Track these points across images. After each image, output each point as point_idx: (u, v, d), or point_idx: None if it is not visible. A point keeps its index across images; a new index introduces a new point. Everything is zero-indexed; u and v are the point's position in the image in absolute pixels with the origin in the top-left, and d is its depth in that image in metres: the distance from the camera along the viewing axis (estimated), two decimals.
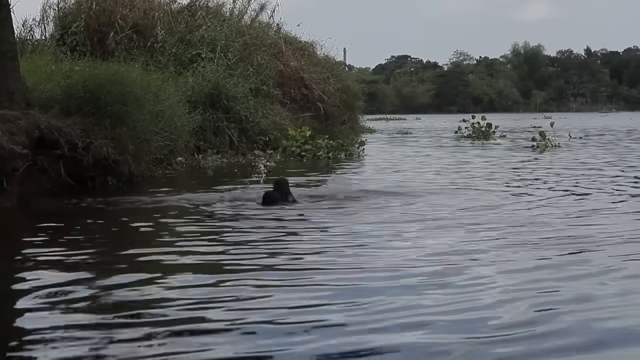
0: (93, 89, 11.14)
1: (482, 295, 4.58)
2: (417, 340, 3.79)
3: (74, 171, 10.49)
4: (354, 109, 28.12)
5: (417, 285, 4.86)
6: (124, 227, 7.70)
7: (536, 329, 3.94)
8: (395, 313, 4.22)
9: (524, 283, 4.90)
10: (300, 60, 24.05)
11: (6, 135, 8.95)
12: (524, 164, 15.42)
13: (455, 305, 4.39)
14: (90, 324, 4.06)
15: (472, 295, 4.60)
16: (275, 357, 3.60)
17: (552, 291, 4.69)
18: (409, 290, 4.72)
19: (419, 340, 3.79)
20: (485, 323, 4.03)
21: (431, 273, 5.18)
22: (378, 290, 4.72)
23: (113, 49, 19.06)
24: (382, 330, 3.91)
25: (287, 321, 4.11)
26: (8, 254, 6.42)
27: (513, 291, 4.68)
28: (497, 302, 4.44)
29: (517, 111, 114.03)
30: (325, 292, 4.69)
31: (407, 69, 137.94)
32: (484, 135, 27.95)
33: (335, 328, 3.97)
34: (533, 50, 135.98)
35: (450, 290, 4.71)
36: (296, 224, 7.66)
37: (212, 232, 7.11)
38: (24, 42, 19.29)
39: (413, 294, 4.62)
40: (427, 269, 5.32)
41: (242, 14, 24.90)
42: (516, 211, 8.30)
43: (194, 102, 16.89)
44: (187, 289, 4.79)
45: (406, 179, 12.50)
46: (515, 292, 4.67)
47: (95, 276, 5.19)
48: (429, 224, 7.45)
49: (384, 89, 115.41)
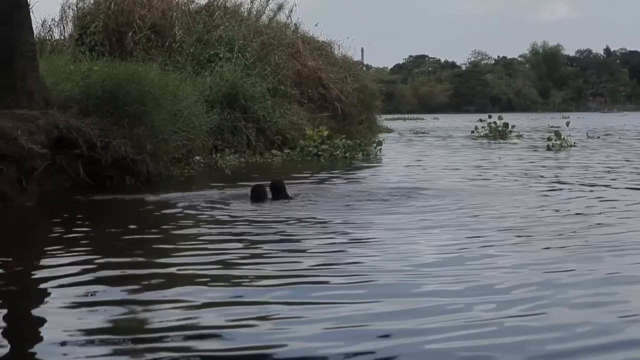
0: (111, 89, 11.19)
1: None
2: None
3: (93, 170, 10.53)
4: (372, 109, 28.06)
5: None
6: (142, 225, 7.73)
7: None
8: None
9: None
10: (317, 60, 24.02)
11: (25, 134, 9.01)
12: (534, 164, 15.46)
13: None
14: (107, 321, 4.08)
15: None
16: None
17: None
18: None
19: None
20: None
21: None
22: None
23: (131, 49, 19.12)
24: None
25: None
26: (27, 251, 6.46)
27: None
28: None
29: (536, 111, 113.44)
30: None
31: (425, 68, 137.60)
32: (501, 135, 27.91)
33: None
34: (552, 49, 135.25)
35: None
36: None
37: (236, 228, 7.14)
38: (43, 42, 19.41)
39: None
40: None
41: (260, 13, 24.94)
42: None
43: (212, 101, 16.92)
44: (207, 288, 4.82)
45: (426, 177, 12.56)
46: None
47: (111, 275, 5.22)
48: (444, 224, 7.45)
49: (401, 89, 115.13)
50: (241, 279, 5.08)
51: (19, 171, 8.83)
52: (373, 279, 5.03)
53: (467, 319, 4.10)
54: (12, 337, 3.95)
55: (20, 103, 10.14)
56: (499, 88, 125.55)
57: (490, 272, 5.21)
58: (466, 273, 5.18)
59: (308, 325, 4.01)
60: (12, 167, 8.73)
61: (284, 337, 3.82)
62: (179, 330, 3.94)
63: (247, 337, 3.83)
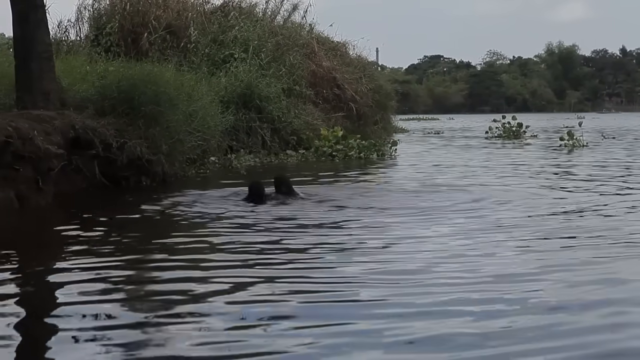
0: (127, 90, 11.22)
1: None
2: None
3: (108, 171, 10.57)
4: (387, 109, 28.04)
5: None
6: (158, 225, 7.76)
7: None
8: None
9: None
10: (332, 60, 24.02)
11: (42, 135, 9.05)
12: (545, 163, 15.49)
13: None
14: (125, 320, 4.10)
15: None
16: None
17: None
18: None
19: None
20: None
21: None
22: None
23: (147, 49, 19.20)
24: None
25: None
26: (43, 251, 6.50)
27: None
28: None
29: (551, 111, 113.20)
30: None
31: (440, 68, 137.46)
32: (515, 135, 27.91)
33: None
34: (567, 49, 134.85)
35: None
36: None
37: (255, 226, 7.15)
38: (59, 43, 19.51)
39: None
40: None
41: (275, 14, 24.95)
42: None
43: (227, 102, 16.93)
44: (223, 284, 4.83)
45: (441, 177, 12.57)
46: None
47: (129, 274, 5.25)
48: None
49: (416, 89, 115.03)
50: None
51: (35, 171, 8.87)
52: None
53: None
54: (25, 337, 3.97)
55: (36, 103, 10.19)
56: (514, 88, 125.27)
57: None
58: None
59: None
60: (28, 167, 8.77)
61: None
62: (194, 333, 3.94)
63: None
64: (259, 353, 3.60)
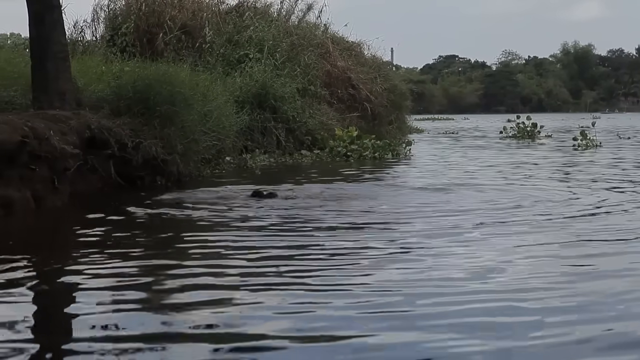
0: (142, 90, 11.25)
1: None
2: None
3: (124, 171, 10.59)
4: (401, 109, 28.03)
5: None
6: (175, 223, 7.77)
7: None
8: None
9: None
10: (347, 60, 24.03)
11: (58, 135, 9.08)
12: (559, 163, 15.49)
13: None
14: (139, 321, 4.11)
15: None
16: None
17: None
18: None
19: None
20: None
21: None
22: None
23: (162, 49, 19.26)
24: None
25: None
26: (59, 251, 6.52)
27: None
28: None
29: (567, 111, 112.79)
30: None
31: (455, 68, 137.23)
32: (529, 135, 27.91)
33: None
34: (583, 49, 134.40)
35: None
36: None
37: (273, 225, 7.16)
38: (75, 43, 19.59)
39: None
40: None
41: (290, 14, 24.98)
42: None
43: (242, 102, 16.96)
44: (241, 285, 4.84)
45: (456, 177, 12.61)
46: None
47: (145, 275, 5.25)
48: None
49: (431, 89, 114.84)
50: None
51: (51, 171, 8.90)
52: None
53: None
54: (40, 336, 3.99)
55: (52, 103, 10.23)
56: (530, 88, 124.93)
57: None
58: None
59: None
60: (44, 167, 8.80)
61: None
62: (211, 334, 3.95)
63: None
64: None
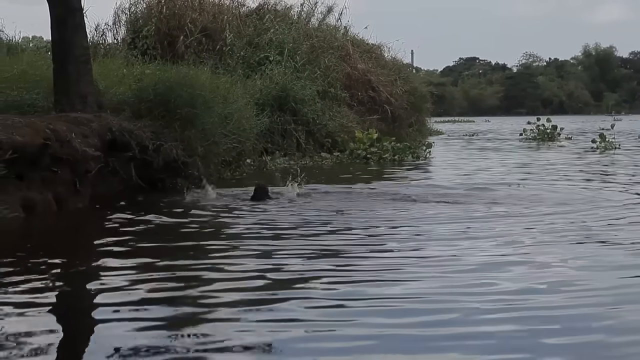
0: (163, 92, 11.28)
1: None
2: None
3: (144, 173, 10.62)
4: (422, 111, 27.98)
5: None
6: (195, 224, 7.78)
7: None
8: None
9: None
10: (367, 62, 24.01)
11: (79, 137, 9.13)
12: (577, 165, 15.61)
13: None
14: (160, 322, 4.13)
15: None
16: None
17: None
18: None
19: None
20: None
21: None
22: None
23: (183, 52, 19.34)
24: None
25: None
26: (81, 253, 6.56)
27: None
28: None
29: (588, 113, 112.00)
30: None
31: (476, 70, 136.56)
32: (549, 137, 27.86)
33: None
34: (605, 51, 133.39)
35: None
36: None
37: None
38: (96, 46, 19.70)
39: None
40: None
41: (310, 16, 25.02)
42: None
43: (262, 104, 16.99)
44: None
45: (476, 179, 12.70)
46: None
47: (166, 277, 5.28)
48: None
49: (451, 91, 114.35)
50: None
51: (72, 173, 8.96)
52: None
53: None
54: (62, 336, 4.01)
55: (74, 106, 10.28)
56: (551, 90, 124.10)
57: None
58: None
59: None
60: (66, 169, 8.86)
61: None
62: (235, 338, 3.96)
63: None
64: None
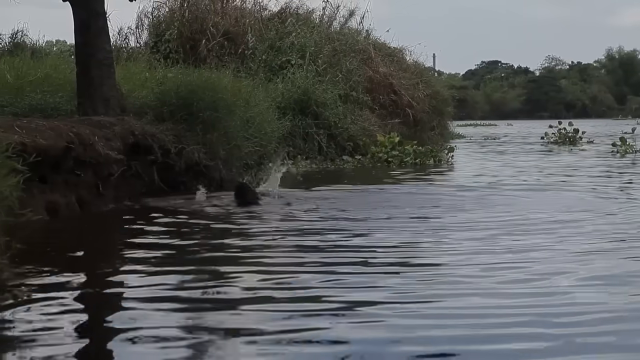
0: (185, 96, 11.33)
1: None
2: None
3: (166, 176, 10.65)
4: (444, 115, 27.87)
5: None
6: (217, 230, 7.80)
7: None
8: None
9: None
10: (389, 66, 23.97)
11: (102, 140, 9.18)
12: (599, 169, 15.58)
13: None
14: (183, 325, 4.13)
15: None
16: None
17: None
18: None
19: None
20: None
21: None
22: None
23: (205, 56, 19.42)
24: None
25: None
26: (105, 255, 6.59)
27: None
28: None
29: (612, 117, 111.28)
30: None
31: (498, 74, 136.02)
32: (571, 140, 27.73)
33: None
34: (628, 55, 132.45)
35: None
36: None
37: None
38: (119, 50, 19.81)
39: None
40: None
41: (332, 20, 25.03)
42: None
43: (284, 108, 17.01)
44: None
45: (499, 182, 12.75)
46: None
47: (188, 281, 5.29)
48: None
49: (473, 95, 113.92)
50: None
51: (95, 177, 9.00)
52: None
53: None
54: (85, 338, 4.02)
55: (97, 110, 10.33)
56: (574, 94, 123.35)
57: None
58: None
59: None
60: (89, 172, 8.90)
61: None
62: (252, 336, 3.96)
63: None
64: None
